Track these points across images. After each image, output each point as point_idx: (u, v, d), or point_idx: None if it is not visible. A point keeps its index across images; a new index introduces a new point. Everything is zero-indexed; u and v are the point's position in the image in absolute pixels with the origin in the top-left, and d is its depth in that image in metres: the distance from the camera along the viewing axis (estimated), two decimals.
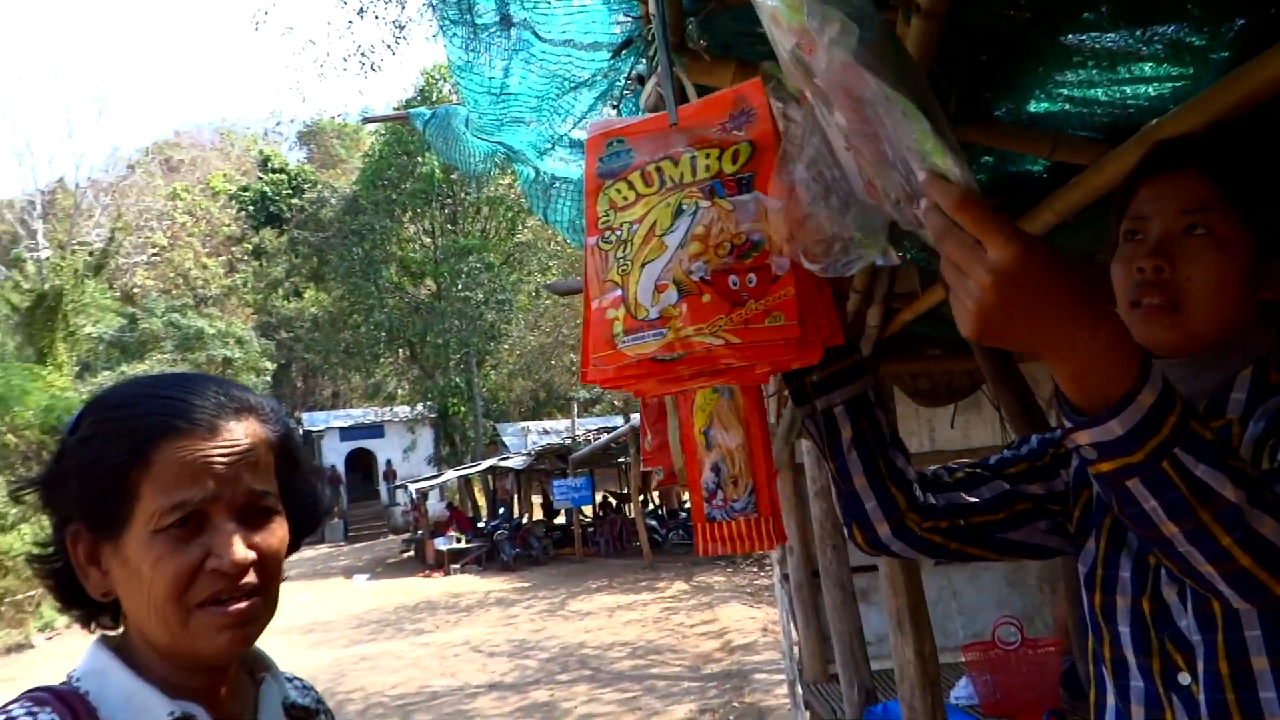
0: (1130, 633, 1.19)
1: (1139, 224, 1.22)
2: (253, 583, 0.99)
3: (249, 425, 1.02)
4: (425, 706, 9.18)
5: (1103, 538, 1.24)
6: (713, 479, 1.64)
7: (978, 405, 6.41)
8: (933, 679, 3.79)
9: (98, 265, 32.06)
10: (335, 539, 32.79)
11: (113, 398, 1.02)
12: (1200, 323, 1.16)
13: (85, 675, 1.00)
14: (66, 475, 0.99)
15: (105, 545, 0.98)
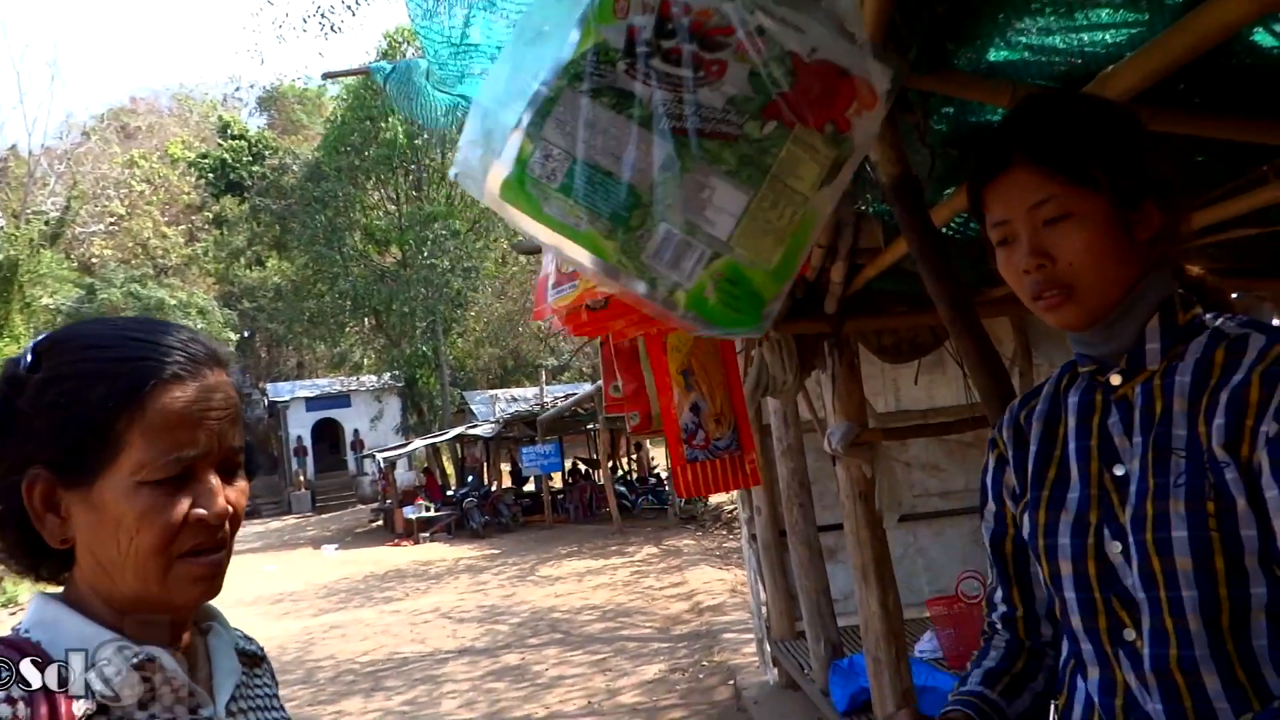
0: (1076, 598, 1.22)
1: (1003, 229, 1.26)
2: (224, 536, 1.00)
3: (223, 373, 1.02)
4: (396, 672, 9.20)
5: (1040, 509, 1.27)
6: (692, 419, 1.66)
7: (942, 364, 6.48)
8: (896, 631, 3.86)
9: (54, 235, 31.46)
10: (303, 510, 32.66)
11: (85, 337, 0.99)
12: (1098, 295, 1.20)
13: (34, 626, 0.98)
14: (32, 415, 0.95)
15: (70, 491, 0.95)
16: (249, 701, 1.09)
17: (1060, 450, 1.29)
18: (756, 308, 1.31)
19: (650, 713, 6.87)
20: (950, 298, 1.87)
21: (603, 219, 1.27)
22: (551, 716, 7.12)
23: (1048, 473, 1.29)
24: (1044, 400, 1.35)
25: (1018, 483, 1.35)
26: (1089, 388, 1.28)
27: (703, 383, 2.55)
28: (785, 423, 5.57)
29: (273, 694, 1.17)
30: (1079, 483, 1.23)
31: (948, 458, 6.80)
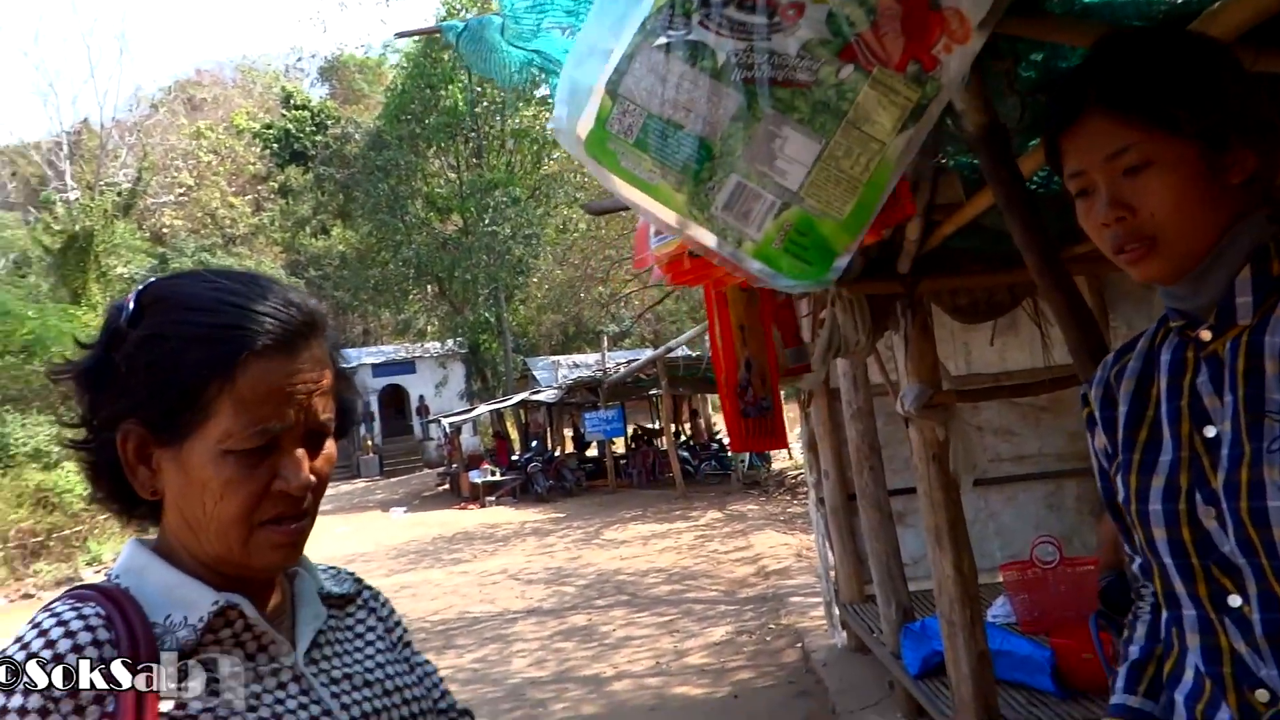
0: (1174, 563, 1.16)
1: (1081, 180, 1.19)
2: (308, 504, 1.01)
3: (320, 345, 1.02)
4: (466, 631, 9.37)
5: (1132, 473, 1.22)
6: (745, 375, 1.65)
7: (1015, 327, 6.34)
8: (971, 594, 3.81)
9: (126, 205, 32.26)
10: (371, 474, 33.30)
11: (184, 298, 0.99)
12: (1183, 246, 1.13)
13: (124, 572, 1.01)
14: (130, 371, 0.96)
15: (162, 449, 0.98)
16: (334, 646, 1.10)
17: (1153, 411, 1.22)
18: (827, 259, 1.28)
19: (718, 674, 6.91)
20: (1040, 250, 1.81)
21: (674, 172, 1.26)
22: (620, 676, 7.20)
23: (1139, 434, 1.23)
24: (1137, 358, 1.28)
25: (1108, 444, 1.30)
26: (1180, 344, 1.21)
27: (753, 341, 2.53)
28: (855, 385, 5.50)
29: (370, 627, 1.17)
30: (1171, 445, 1.17)
31: (1021, 422, 6.68)
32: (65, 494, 19.06)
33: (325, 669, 1.06)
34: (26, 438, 20.16)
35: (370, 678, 1.09)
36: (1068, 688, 3.97)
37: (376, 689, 1.08)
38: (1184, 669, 1.21)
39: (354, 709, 1.03)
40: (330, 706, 1.01)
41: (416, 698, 1.12)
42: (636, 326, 32.50)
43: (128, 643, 0.91)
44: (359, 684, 1.07)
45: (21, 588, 16.51)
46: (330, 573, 1.20)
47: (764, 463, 20.91)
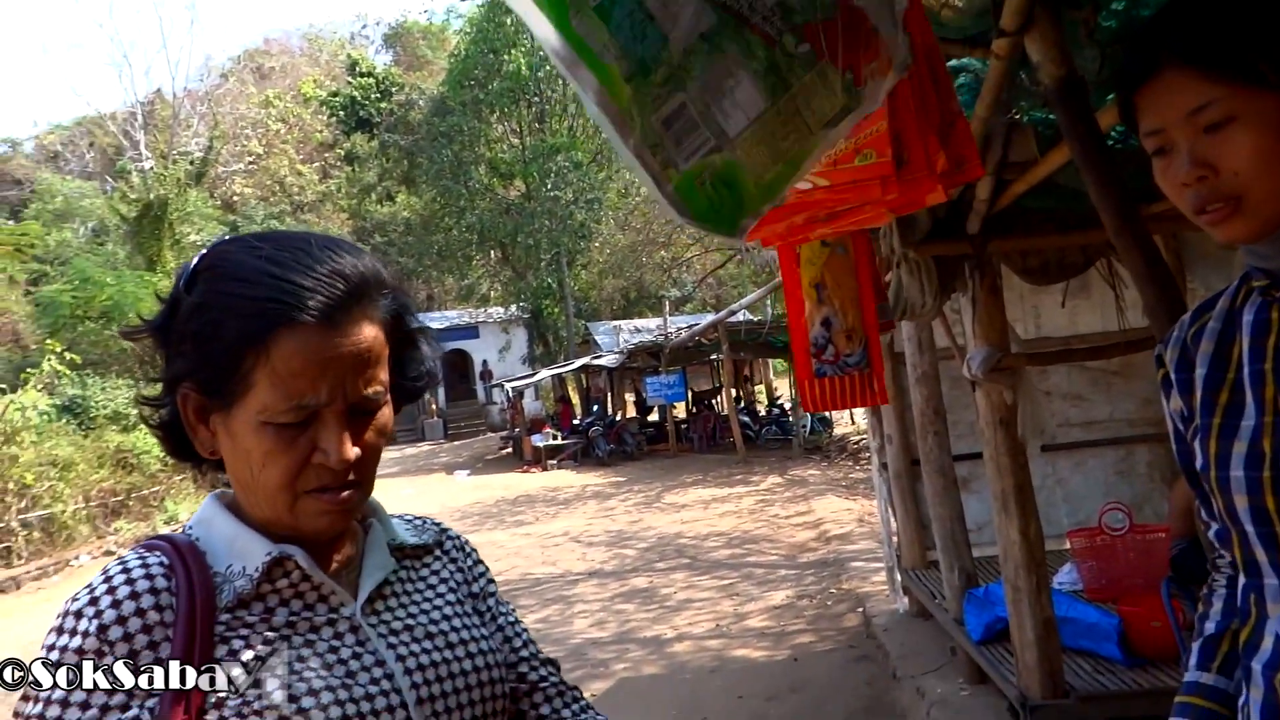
0: (1257, 531, 1.12)
1: (1158, 139, 1.14)
2: (354, 476, 1.01)
3: (368, 311, 1.00)
4: (529, 591, 9.52)
5: (1211, 439, 1.17)
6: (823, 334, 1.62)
7: (1086, 289, 6.18)
8: (1038, 560, 3.76)
9: (198, 174, 32.93)
10: (435, 437, 33.83)
11: (230, 265, 1.00)
12: (1270, 205, 1.08)
13: (197, 524, 1.07)
14: (182, 337, 0.99)
15: (215, 412, 1.01)
16: (401, 598, 1.10)
17: (1234, 374, 1.17)
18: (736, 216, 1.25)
19: (778, 637, 6.93)
20: (1118, 208, 1.76)
21: (629, 60, 1.19)
22: (680, 637, 7.26)
23: (1219, 398, 1.18)
24: (1217, 318, 1.23)
25: (1185, 406, 1.25)
26: (1264, 305, 1.16)
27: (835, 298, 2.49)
28: (920, 349, 5.43)
29: (445, 579, 1.18)
30: (1254, 410, 1.13)
31: (1091, 387, 6.53)
32: (144, 455, 19.69)
33: (386, 620, 1.06)
34: (107, 400, 20.85)
35: (434, 629, 1.09)
36: (1135, 655, 3.91)
37: (439, 640, 1.08)
38: (1262, 636, 1.17)
39: (410, 660, 1.04)
40: (385, 657, 1.02)
41: (484, 651, 1.11)
42: (698, 291, 32.38)
43: (185, 591, 0.95)
44: (420, 635, 1.07)
45: (103, 545, 17.15)
46: (413, 524, 1.21)
47: (826, 428, 20.79)
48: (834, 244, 1.49)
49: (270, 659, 0.96)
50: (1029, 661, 3.76)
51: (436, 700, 1.03)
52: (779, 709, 5.48)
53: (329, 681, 0.96)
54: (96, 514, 18.25)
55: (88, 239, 33.20)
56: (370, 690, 0.98)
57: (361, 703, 0.97)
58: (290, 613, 1.00)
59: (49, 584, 14.83)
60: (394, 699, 1.00)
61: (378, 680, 1.00)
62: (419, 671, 1.03)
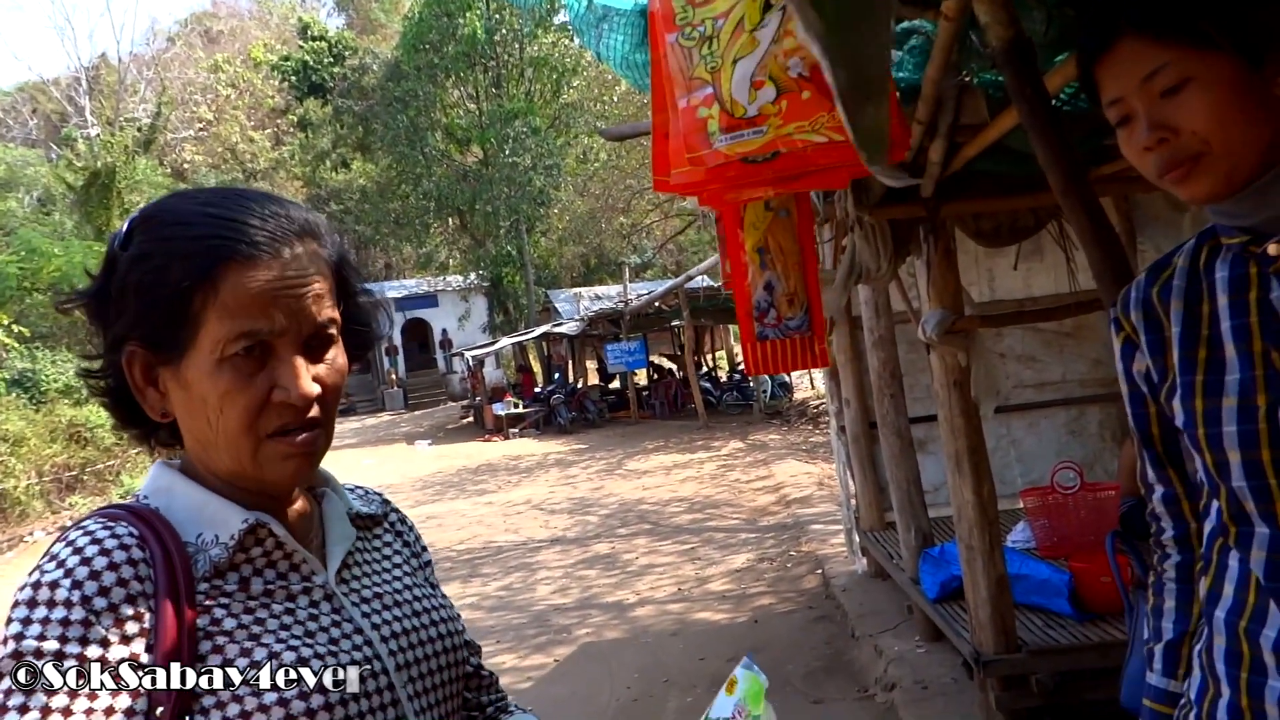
0: (1249, 485, 1.14)
1: (1120, 108, 1.17)
2: (316, 415, 0.99)
3: (311, 250, 0.99)
4: (491, 560, 9.53)
5: (1195, 396, 1.19)
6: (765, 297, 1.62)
7: (1040, 252, 6.26)
8: (991, 519, 3.82)
9: (146, 141, 32.20)
10: (395, 407, 33.63)
11: (168, 213, 0.98)
12: (1230, 161, 1.11)
13: (153, 493, 1.02)
14: (123, 292, 0.96)
15: (164, 368, 0.97)
16: (363, 567, 1.10)
17: (1209, 330, 1.19)
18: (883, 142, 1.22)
19: (739, 599, 7.01)
20: (1064, 169, 1.77)
21: None
22: (642, 602, 7.31)
23: (1197, 355, 1.19)
24: (1179, 276, 1.24)
25: (1155, 367, 1.26)
26: (1238, 260, 1.17)
27: (778, 262, 2.50)
28: (876, 313, 5.47)
29: (395, 550, 1.18)
30: (1239, 364, 1.14)
31: (1044, 348, 6.63)
32: (97, 429, 19.39)
33: (356, 588, 1.06)
34: (57, 374, 20.46)
35: (399, 598, 1.09)
36: (1085, 610, 4.00)
37: (405, 609, 1.08)
38: (1224, 585, 1.20)
39: (384, 628, 1.03)
40: (361, 625, 1.02)
41: (447, 619, 1.12)
42: (659, 258, 32.35)
43: (161, 561, 0.92)
44: (389, 604, 1.07)
45: (58, 520, 16.90)
46: (359, 493, 1.20)
47: (786, 393, 20.95)
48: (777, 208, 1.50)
49: (254, 628, 0.94)
50: (982, 618, 3.83)
51: (412, 666, 1.04)
52: None
53: (315, 650, 0.95)
54: (50, 489, 17.98)
55: (33, 209, 32.38)
56: (355, 657, 0.98)
57: (348, 669, 0.96)
58: (265, 581, 0.99)
59: (2, 560, 14.60)
60: (376, 665, 1.00)
61: (359, 647, 1.00)
62: (394, 639, 1.03)
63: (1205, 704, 1.22)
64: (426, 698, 1.05)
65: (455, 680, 1.11)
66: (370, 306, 1.13)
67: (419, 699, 1.03)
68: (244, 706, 0.90)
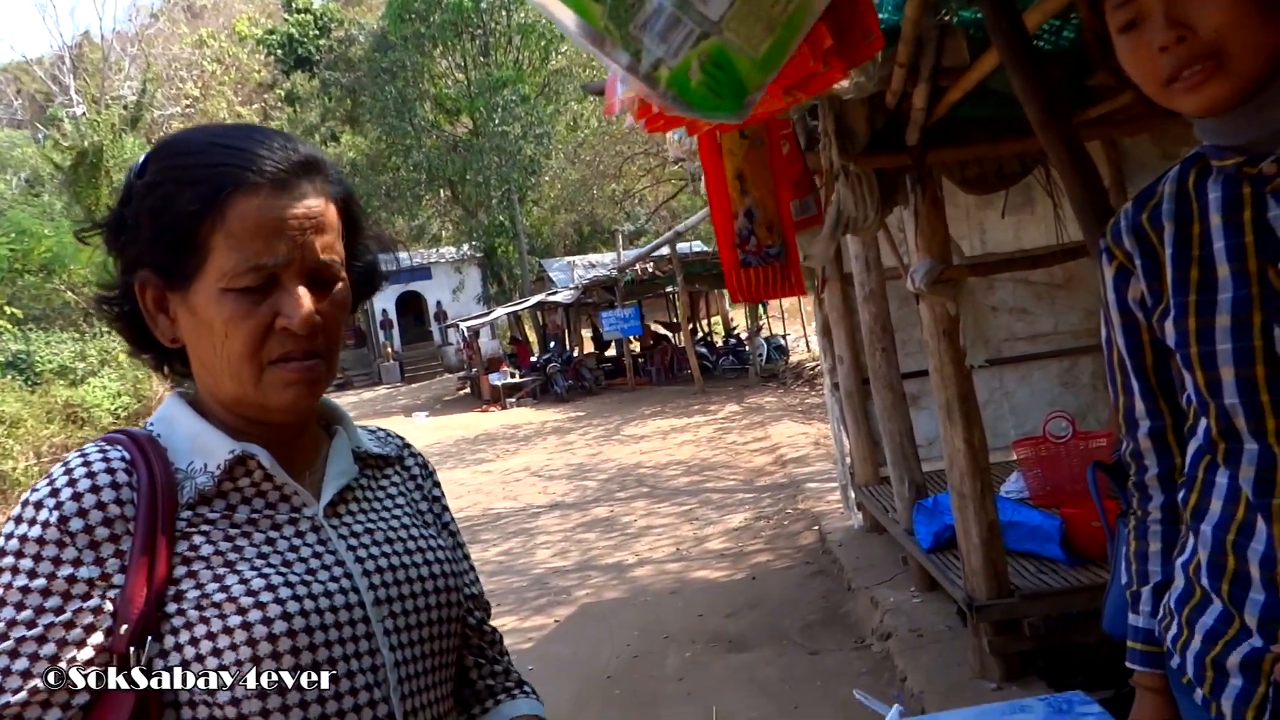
0: (1241, 401, 1.14)
1: (1129, 9, 1.13)
2: (317, 345, 1.01)
3: (318, 184, 1.02)
4: (491, 526, 9.58)
5: (1188, 316, 1.18)
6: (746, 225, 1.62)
7: (1030, 204, 6.25)
8: (982, 467, 3.85)
9: (133, 119, 31.92)
10: (392, 380, 33.63)
11: (180, 144, 1.01)
12: (1249, 63, 1.08)
13: (158, 421, 1.06)
14: (136, 220, 0.99)
15: (174, 294, 1.00)
16: (362, 504, 1.11)
17: (1200, 251, 1.18)
18: (739, 95, 1.25)
19: (737, 557, 7.06)
20: (1042, 101, 1.77)
21: None
22: (641, 562, 7.37)
23: (1189, 276, 1.19)
24: (1169, 200, 1.23)
25: (1149, 291, 1.25)
26: (1233, 180, 1.16)
27: (755, 189, 2.50)
28: (866, 267, 5.47)
29: (402, 491, 1.18)
30: (1232, 283, 1.14)
31: (1035, 300, 6.64)
32: (94, 409, 19.39)
33: (347, 523, 1.07)
34: (52, 355, 20.44)
35: (392, 535, 1.10)
36: (1077, 555, 4.03)
37: (397, 546, 1.09)
38: (1209, 501, 1.21)
39: (368, 563, 1.04)
40: (344, 558, 1.03)
41: (441, 560, 1.12)
42: (651, 224, 32.24)
43: (146, 486, 0.95)
44: (380, 539, 1.08)
45: None
46: (378, 435, 1.22)
47: (782, 356, 20.96)
48: (751, 135, 1.49)
49: (230, 554, 0.97)
50: (975, 565, 3.87)
51: (394, 602, 1.05)
52: (738, 624, 5.60)
53: (288, 578, 0.97)
54: (48, 468, 17.98)
55: (21, 190, 32.18)
56: (329, 588, 0.99)
57: (320, 599, 0.98)
58: (252, 510, 1.01)
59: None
60: (352, 598, 1.01)
61: (337, 579, 1.01)
62: (377, 574, 1.04)
63: (1185, 611, 1.24)
64: (405, 634, 1.05)
65: (443, 623, 1.10)
66: (378, 246, 1.16)
67: (396, 635, 1.04)
68: (210, 628, 0.93)
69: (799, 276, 1.37)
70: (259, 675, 0.92)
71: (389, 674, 1.02)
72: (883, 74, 2.92)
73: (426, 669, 1.07)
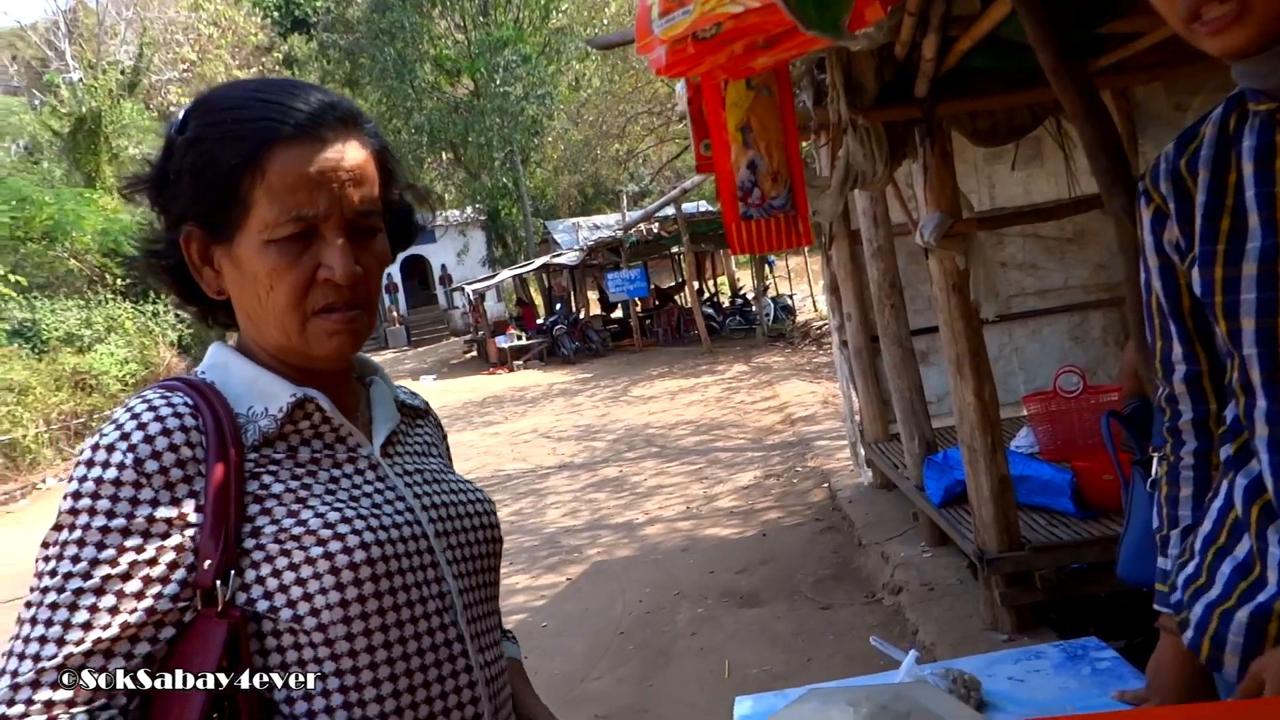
0: (1258, 353, 1.13)
1: None
2: (359, 296, 1.04)
3: (356, 137, 1.04)
4: (501, 487, 9.63)
5: (1215, 265, 1.17)
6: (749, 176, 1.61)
7: (1039, 157, 6.20)
8: (993, 420, 3.85)
9: (130, 84, 31.71)
10: (399, 344, 33.68)
11: (220, 99, 1.03)
12: (1272, 11, 1.05)
13: (209, 368, 1.09)
14: (179, 175, 1.01)
15: (218, 247, 1.03)
16: (407, 446, 1.17)
17: (1233, 199, 1.16)
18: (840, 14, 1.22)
19: (747, 515, 7.10)
20: (1055, 46, 1.74)
21: None
22: (651, 521, 7.41)
23: (1220, 224, 1.17)
24: (1208, 144, 1.21)
25: (1183, 235, 1.23)
26: (1266, 128, 1.13)
27: (761, 140, 2.48)
28: (875, 223, 5.44)
29: (433, 443, 1.25)
30: (1261, 232, 1.12)
31: (1046, 255, 6.60)
32: (102, 375, 19.46)
33: (399, 462, 1.13)
34: (58, 322, 20.46)
35: (438, 477, 1.16)
36: (1088, 508, 4.04)
37: (444, 486, 1.14)
38: (1249, 455, 1.20)
39: (425, 499, 1.10)
40: (404, 493, 1.08)
41: (482, 500, 1.19)
42: (656, 184, 32.05)
43: (213, 429, 0.99)
44: (428, 479, 1.14)
45: (68, 468, 17.03)
46: (403, 389, 1.27)
47: (789, 315, 20.92)
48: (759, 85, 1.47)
49: (301, 491, 1.01)
50: (985, 518, 3.88)
51: (451, 535, 1.10)
52: (749, 580, 5.64)
53: (359, 511, 1.02)
54: (59, 436, 18.10)
55: (20, 157, 32.02)
56: (396, 520, 1.04)
57: (390, 530, 1.02)
58: (313, 451, 1.05)
59: (16, 508, 14.78)
60: (416, 530, 1.06)
61: (401, 512, 1.06)
62: (434, 509, 1.10)
63: (1209, 555, 1.24)
64: (464, 565, 1.11)
65: (492, 556, 1.17)
66: (415, 198, 1.19)
67: (457, 565, 1.10)
68: (291, 560, 0.97)
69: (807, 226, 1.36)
70: (344, 602, 0.96)
71: (455, 600, 1.08)
72: (892, 24, 2.88)
73: (484, 597, 1.14)
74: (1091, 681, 1.83)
